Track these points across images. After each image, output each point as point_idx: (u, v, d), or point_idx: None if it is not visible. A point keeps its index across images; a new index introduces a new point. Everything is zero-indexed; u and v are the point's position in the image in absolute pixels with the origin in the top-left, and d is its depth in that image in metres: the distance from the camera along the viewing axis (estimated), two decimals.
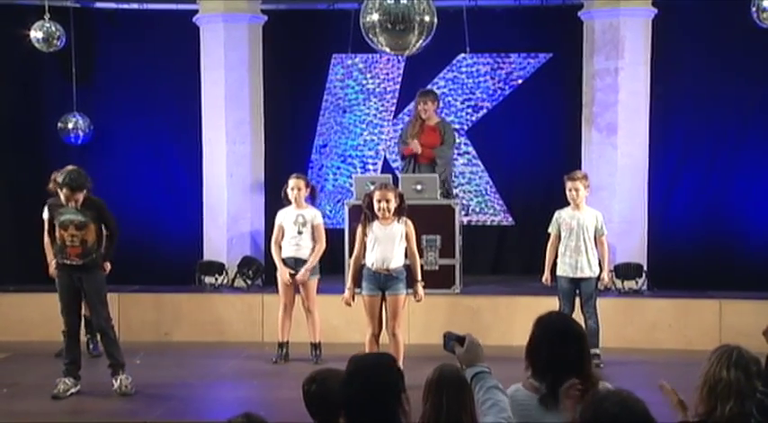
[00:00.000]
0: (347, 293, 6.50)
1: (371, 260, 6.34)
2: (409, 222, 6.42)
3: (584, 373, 2.92)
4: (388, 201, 6.26)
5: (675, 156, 9.00)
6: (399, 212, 6.35)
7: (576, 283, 7.03)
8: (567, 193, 7.11)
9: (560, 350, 2.92)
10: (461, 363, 2.91)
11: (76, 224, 6.22)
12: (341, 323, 7.68)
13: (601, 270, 7.07)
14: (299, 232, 7.18)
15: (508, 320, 7.93)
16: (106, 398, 6.13)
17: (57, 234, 6.29)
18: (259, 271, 8.74)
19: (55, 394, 6.14)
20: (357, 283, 6.47)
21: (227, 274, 8.73)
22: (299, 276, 7.13)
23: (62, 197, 6.20)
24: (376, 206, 6.27)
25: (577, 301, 7.07)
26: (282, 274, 7.17)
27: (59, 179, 6.19)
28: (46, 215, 7.15)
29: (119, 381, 6.22)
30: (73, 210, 6.21)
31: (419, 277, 6.44)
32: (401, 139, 8.62)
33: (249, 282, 8.69)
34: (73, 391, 6.22)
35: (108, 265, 6.45)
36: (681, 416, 3.13)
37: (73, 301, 6.33)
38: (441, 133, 8.42)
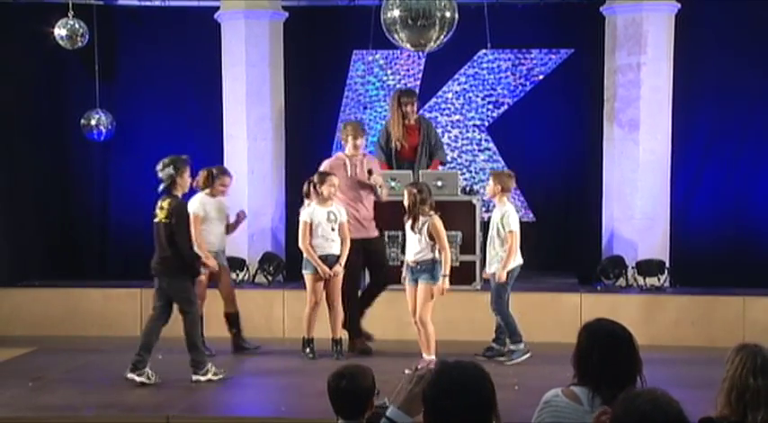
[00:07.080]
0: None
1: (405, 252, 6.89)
2: (435, 217, 6.65)
3: (635, 378, 2.85)
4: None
5: (698, 152, 8.93)
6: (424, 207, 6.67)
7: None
8: None
9: (610, 356, 2.86)
10: (402, 404, 2.63)
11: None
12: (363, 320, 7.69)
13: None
14: (333, 229, 7.19)
15: (528, 317, 7.90)
16: (130, 392, 6.17)
17: None
18: (280, 267, 8.77)
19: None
20: None
21: (248, 270, 8.77)
22: (336, 269, 7.14)
23: None
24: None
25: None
26: (323, 271, 7.11)
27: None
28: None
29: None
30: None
31: (444, 271, 6.70)
32: (380, 142, 8.43)
33: (270, 278, 8.72)
34: (214, 374, 6.44)
35: (198, 267, 6.61)
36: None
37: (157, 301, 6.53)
38: (420, 130, 8.37)
